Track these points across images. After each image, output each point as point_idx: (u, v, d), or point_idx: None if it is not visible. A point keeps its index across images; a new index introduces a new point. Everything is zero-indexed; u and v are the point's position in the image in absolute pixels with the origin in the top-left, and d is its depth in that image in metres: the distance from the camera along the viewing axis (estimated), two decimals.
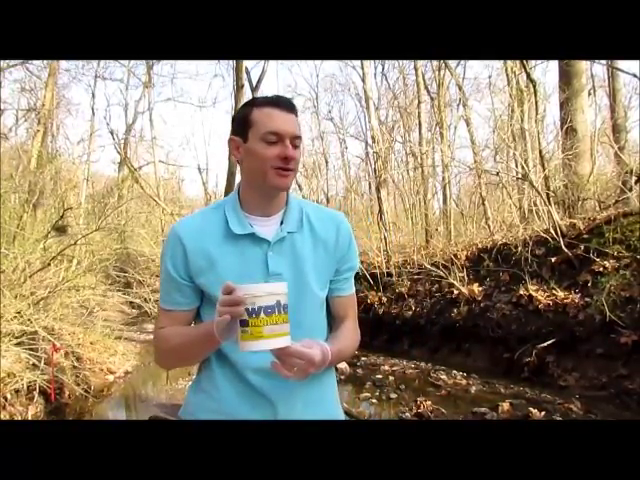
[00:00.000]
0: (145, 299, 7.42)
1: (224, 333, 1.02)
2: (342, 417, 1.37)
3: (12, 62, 9.45)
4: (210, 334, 1.04)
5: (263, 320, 0.97)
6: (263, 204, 1.23)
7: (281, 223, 1.23)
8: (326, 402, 1.31)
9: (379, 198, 10.70)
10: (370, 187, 14.18)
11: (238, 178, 1.33)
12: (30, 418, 4.24)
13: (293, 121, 1.18)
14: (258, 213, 1.23)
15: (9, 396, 4.22)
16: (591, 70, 10.87)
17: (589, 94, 9.75)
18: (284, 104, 1.18)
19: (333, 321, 1.33)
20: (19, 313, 4.95)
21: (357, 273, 1.39)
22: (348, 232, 1.30)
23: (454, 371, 6.21)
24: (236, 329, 1.00)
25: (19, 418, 4.16)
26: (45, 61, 10.44)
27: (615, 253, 5.66)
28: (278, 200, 1.24)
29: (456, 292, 7.34)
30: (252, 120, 1.17)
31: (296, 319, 1.17)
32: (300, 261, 1.22)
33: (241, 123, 1.20)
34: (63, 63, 12.06)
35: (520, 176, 7.91)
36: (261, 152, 1.15)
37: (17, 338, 4.63)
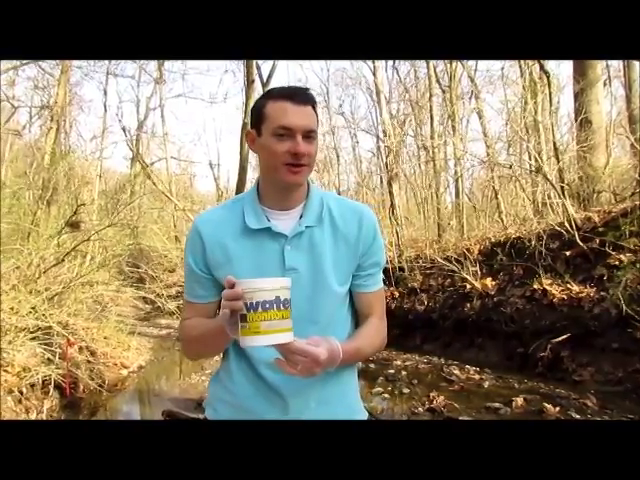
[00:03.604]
0: (158, 294, 7.46)
1: (230, 327, 1.00)
2: (363, 417, 1.32)
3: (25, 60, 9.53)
4: (222, 328, 1.02)
5: (261, 315, 0.94)
6: (281, 198, 1.20)
7: (300, 217, 1.20)
8: (344, 401, 1.28)
9: (391, 192, 10.64)
10: (382, 181, 14.12)
11: (250, 173, 1.32)
12: (45, 412, 4.31)
13: (307, 114, 1.13)
14: (277, 207, 1.20)
15: (25, 390, 4.28)
16: (606, 60, 10.68)
17: (604, 85, 9.59)
18: (298, 96, 1.13)
19: (359, 318, 1.29)
20: (34, 308, 5.02)
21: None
22: (372, 225, 1.24)
23: (467, 366, 6.18)
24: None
25: (34, 412, 4.22)
26: None
27: (631, 246, 5.58)
28: (297, 194, 1.20)
29: (469, 286, 7.29)
30: (265, 114, 1.14)
31: (312, 315, 1.17)
32: (318, 256, 1.18)
33: (256, 116, 1.17)
34: (75, 61, 12.12)
35: (534, 169, 7.82)
36: (272, 147, 1.12)
37: (32, 333, 4.69)
